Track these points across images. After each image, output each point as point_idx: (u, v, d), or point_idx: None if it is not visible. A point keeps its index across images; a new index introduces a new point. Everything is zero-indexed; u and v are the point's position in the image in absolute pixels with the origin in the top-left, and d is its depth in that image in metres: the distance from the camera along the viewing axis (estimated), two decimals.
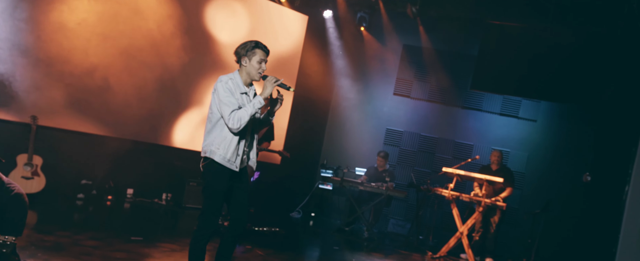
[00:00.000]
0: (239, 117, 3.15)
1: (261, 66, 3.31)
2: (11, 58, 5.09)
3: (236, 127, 3.15)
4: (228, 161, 3.21)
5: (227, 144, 3.21)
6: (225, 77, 3.28)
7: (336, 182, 6.88)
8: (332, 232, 6.80)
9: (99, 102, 5.72)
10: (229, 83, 3.26)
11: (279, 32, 7.36)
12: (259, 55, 3.30)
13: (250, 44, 3.33)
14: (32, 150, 5.04)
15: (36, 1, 5.25)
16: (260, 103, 3.21)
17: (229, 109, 3.17)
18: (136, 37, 5.94)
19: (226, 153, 3.20)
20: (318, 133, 8.25)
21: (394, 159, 7.90)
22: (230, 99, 3.19)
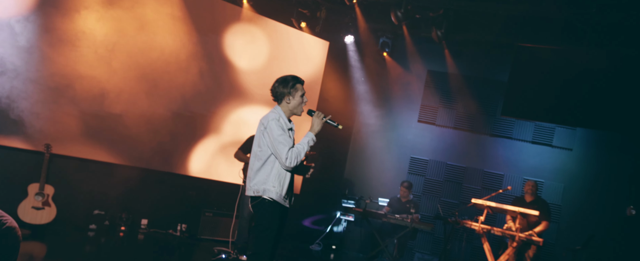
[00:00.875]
0: (296, 155, 3.18)
1: (304, 100, 3.36)
2: (24, 86, 5.02)
3: (293, 165, 3.16)
4: (284, 198, 3.22)
5: (282, 181, 3.21)
6: (274, 115, 3.29)
7: (358, 213, 6.55)
8: None
9: (113, 129, 5.60)
10: (281, 121, 3.27)
11: (299, 58, 7.21)
12: (301, 90, 3.35)
13: (290, 80, 3.34)
14: (44, 179, 4.91)
15: (48, 28, 5.20)
16: (313, 141, 3.26)
17: (286, 147, 3.17)
18: (151, 62, 5.85)
19: (281, 191, 3.21)
20: (339, 162, 7.96)
21: (419, 189, 7.53)
22: (285, 137, 3.20)
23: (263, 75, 6.81)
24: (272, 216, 3.21)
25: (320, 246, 7.29)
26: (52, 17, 5.19)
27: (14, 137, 5.07)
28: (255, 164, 3.26)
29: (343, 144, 7.97)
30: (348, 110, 7.90)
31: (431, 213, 7.25)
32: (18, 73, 5.00)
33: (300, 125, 6.71)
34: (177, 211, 6.29)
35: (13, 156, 5.12)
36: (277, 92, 3.35)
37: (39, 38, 5.10)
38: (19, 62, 4.99)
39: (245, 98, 6.72)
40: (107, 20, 5.48)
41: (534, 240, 5.49)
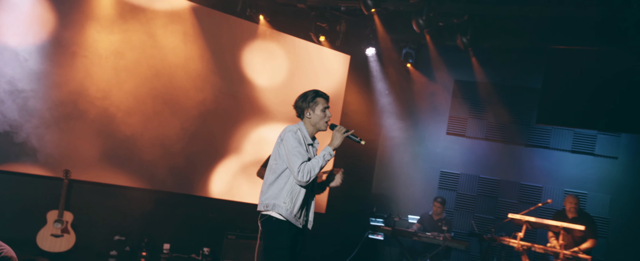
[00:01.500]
0: (309, 169, 2.96)
1: (326, 114, 3.16)
2: (38, 112, 4.99)
3: (306, 179, 2.95)
4: (294, 216, 2.99)
5: (295, 197, 3.00)
6: (293, 127, 3.13)
7: (387, 231, 6.22)
8: None
9: (129, 152, 5.51)
10: (298, 134, 3.10)
11: (320, 73, 7.02)
12: (322, 104, 3.16)
13: (310, 94, 3.19)
14: (63, 206, 4.83)
15: (58, 52, 5.19)
16: (330, 155, 3.05)
17: (299, 160, 2.97)
18: (168, 84, 5.76)
19: (293, 208, 2.99)
20: (366, 179, 7.67)
21: (451, 205, 7.14)
22: (300, 150, 3.02)
23: (283, 92, 6.65)
24: (280, 235, 2.99)
25: None
26: (63, 39, 5.16)
27: (31, 164, 5.02)
28: (269, 177, 3.08)
29: (369, 160, 7.68)
30: (372, 125, 7.63)
31: (465, 230, 6.84)
32: (30, 99, 4.97)
33: (325, 141, 6.50)
34: (200, 235, 6.12)
35: (32, 183, 5.08)
36: (298, 107, 3.23)
37: (49, 62, 5.07)
38: (31, 88, 4.97)
39: (266, 116, 6.56)
40: (118, 42, 5.43)
41: (581, 257, 5.04)
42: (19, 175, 5.00)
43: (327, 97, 3.23)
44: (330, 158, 3.08)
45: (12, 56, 4.85)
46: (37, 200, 5.02)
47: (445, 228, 5.95)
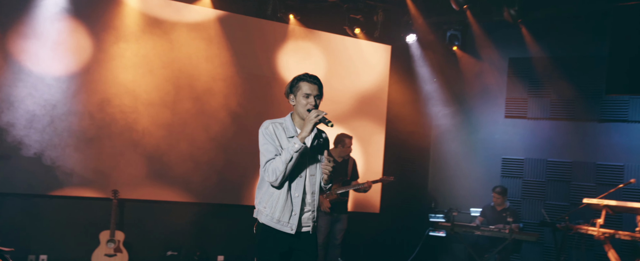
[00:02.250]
0: (273, 168, 2.59)
1: (309, 101, 2.71)
2: (82, 135, 5.12)
3: (272, 179, 2.60)
4: (277, 221, 2.64)
5: (275, 201, 2.65)
6: (268, 121, 2.76)
7: (448, 227, 5.79)
8: None
9: (174, 166, 5.51)
10: (270, 128, 2.72)
11: (361, 68, 6.72)
12: (304, 89, 2.73)
13: (294, 78, 2.79)
14: (114, 226, 4.90)
15: (96, 73, 5.28)
16: (294, 147, 2.57)
17: (265, 159, 2.65)
18: (205, 96, 5.71)
19: (273, 212, 2.65)
20: (421, 173, 7.24)
21: (516, 193, 6.55)
22: (267, 147, 2.66)
23: (323, 90, 6.42)
24: (264, 245, 2.66)
25: None
26: (94, 59, 5.26)
27: (82, 187, 5.16)
28: (258, 181, 2.79)
29: (422, 153, 7.25)
30: (421, 116, 7.20)
31: (535, 220, 6.24)
32: (72, 124, 5.09)
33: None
34: (248, 244, 6.01)
35: (84, 205, 5.21)
36: (285, 94, 2.85)
37: (84, 85, 5.17)
38: (70, 112, 5.09)
39: None
40: (151, 56, 5.46)
41: None
42: (72, 198, 5.15)
43: (314, 81, 2.74)
44: (296, 150, 2.56)
45: (51, 82, 4.99)
46: (91, 221, 5.13)
47: (510, 220, 5.43)
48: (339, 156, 5.28)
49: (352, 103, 6.62)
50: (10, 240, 4.93)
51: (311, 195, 2.73)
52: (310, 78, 2.75)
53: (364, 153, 6.63)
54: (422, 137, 7.18)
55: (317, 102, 2.74)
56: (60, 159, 4.98)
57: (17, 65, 4.83)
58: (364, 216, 6.61)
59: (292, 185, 2.67)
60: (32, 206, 5.06)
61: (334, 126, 2.68)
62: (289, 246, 2.67)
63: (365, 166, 6.54)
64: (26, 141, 4.82)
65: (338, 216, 5.19)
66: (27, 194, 5.00)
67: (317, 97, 2.75)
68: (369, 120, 6.72)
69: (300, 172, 2.69)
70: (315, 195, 2.74)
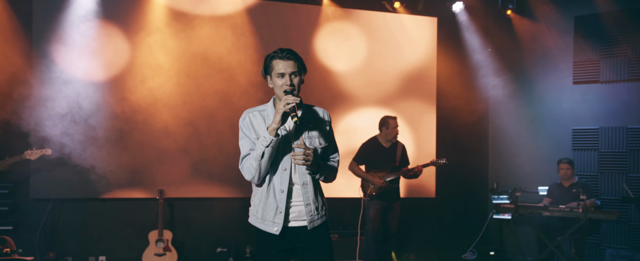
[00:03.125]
0: (247, 167, 2.34)
1: (284, 81, 2.35)
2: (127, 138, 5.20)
3: (249, 178, 2.35)
4: (262, 221, 2.39)
5: (258, 199, 2.42)
6: (246, 111, 2.46)
7: (512, 209, 5.30)
8: None
9: (214, 162, 5.47)
10: (247, 119, 2.44)
11: (405, 44, 6.29)
12: (277, 68, 2.36)
13: (267, 56, 2.41)
14: (162, 225, 4.96)
15: (132, 75, 5.32)
16: (265, 141, 2.27)
17: (241, 155, 2.39)
18: (241, 90, 5.59)
19: (257, 211, 2.41)
20: (480, 152, 6.70)
21: (591, 167, 5.87)
22: (242, 142, 2.42)
23: (366, 73, 6.10)
24: (259, 246, 2.42)
25: (475, 255, 6.15)
26: (129, 62, 5.30)
27: (132, 188, 5.27)
28: None
29: (479, 130, 6.70)
30: (475, 90, 6.64)
31: (616, 196, 5.55)
32: (118, 127, 5.19)
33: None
34: None
35: (134, 206, 5.33)
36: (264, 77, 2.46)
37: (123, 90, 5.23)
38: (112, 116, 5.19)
39: (351, 103, 6.07)
40: (185, 54, 5.42)
41: None
42: (122, 200, 5.28)
43: (288, 56, 2.33)
44: (267, 145, 2.26)
45: (90, 88, 5.10)
46: (142, 221, 5.24)
47: (584, 197, 4.84)
48: (386, 140, 4.96)
49: (398, 84, 6.23)
50: (70, 244, 5.18)
51: (302, 186, 2.39)
52: (282, 53, 2.35)
53: (414, 135, 6.23)
54: (478, 113, 6.63)
55: (295, 80, 2.36)
56: (106, 163, 5.11)
57: (57, 71, 4.94)
58: (418, 202, 6.24)
59: (275, 180, 2.38)
60: (87, 210, 5.25)
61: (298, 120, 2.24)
62: (282, 246, 2.40)
63: (416, 149, 6.16)
64: (74, 147, 4.97)
65: (390, 205, 4.88)
66: (82, 198, 5.19)
67: (295, 74, 2.36)
68: (418, 100, 6.30)
69: (283, 164, 2.38)
70: (308, 186, 2.40)
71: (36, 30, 4.97)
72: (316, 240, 2.43)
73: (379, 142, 4.99)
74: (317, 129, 2.47)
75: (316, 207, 2.44)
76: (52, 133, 4.79)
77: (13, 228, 4.91)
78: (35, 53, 4.95)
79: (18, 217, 4.99)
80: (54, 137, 4.81)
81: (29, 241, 5.01)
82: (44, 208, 5.09)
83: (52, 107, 4.86)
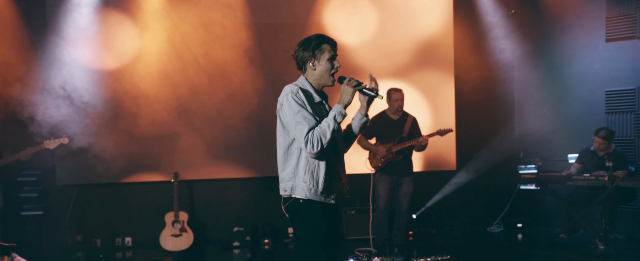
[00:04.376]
0: (318, 136, 2.39)
1: (334, 64, 2.54)
2: (143, 122, 5.34)
3: (316, 150, 2.39)
4: (322, 194, 2.47)
5: (316, 173, 2.47)
6: (292, 86, 2.53)
7: (533, 179, 5.02)
8: (540, 249, 4.88)
9: (229, 143, 5.52)
10: (300, 94, 2.49)
11: (418, 14, 6.00)
12: (329, 52, 2.53)
13: (314, 39, 2.54)
14: (177, 207, 5.10)
15: (144, 64, 5.42)
16: (342, 115, 2.43)
17: (306, 127, 2.41)
18: (257, 68, 5.58)
19: (317, 186, 2.46)
20: (505, 120, 6.35)
21: (628, 131, 5.42)
22: (304, 114, 2.44)
23: (376, 45, 5.91)
24: (311, 219, 2.44)
25: (501, 227, 5.91)
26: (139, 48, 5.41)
27: (148, 172, 5.45)
28: (279, 155, 2.56)
29: (503, 96, 6.34)
30: (498, 55, 6.26)
31: None
32: (136, 114, 5.36)
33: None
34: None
35: (153, 189, 5.51)
36: (299, 57, 2.57)
37: (136, 77, 5.35)
38: (129, 102, 5.35)
39: (363, 77, 5.88)
40: (186, 38, 5.47)
41: None
42: (143, 183, 5.48)
43: (336, 44, 2.59)
44: (343, 119, 2.45)
45: (101, 77, 5.28)
46: (157, 204, 5.42)
47: (610, 164, 4.49)
48: (393, 113, 4.81)
49: (413, 54, 5.99)
50: (97, 226, 5.46)
51: (341, 162, 2.64)
52: (332, 40, 2.58)
53: (432, 106, 6.00)
54: (501, 80, 6.27)
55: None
56: (124, 148, 5.30)
57: (71, 61, 5.11)
58: (438, 175, 6.05)
59: (330, 156, 2.53)
60: (110, 194, 5.50)
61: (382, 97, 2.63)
62: (331, 217, 2.56)
63: (434, 120, 5.94)
64: (91, 135, 5.19)
65: (399, 180, 4.76)
66: (104, 183, 5.43)
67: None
68: (434, 70, 6.04)
69: (336, 142, 2.55)
70: (343, 160, 2.67)
71: (43, 22, 5.13)
72: (339, 214, 2.66)
73: (387, 114, 4.86)
74: None
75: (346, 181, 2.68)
76: (69, 122, 5.01)
77: (44, 213, 5.25)
78: (44, 44, 5.09)
79: (47, 203, 5.32)
80: (71, 126, 5.03)
81: (59, 225, 5.33)
82: (70, 193, 5.38)
83: (69, 97, 5.07)
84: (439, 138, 5.48)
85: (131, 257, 5.20)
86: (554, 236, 5.07)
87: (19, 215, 5.14)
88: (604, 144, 4.91)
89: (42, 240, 5.34)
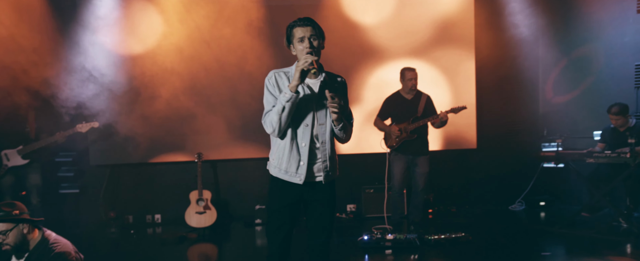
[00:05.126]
0: (269, 120, 2.51)
1: (304, 45, 2.51)
2: (167, 106, 5.57)
3: (270, 131, 2.53)
4: (285, 172, 2.57)
5: (281, 152, 2.58)
6: (273, 72, 2.63)
7: (553, 157, 4.93)
8: (560, 227, 4.82)
9: (249, 124, 5.69)
10: (273, 78, 2.60)
11: None
12: (297, 34, 2.54)
13: (288, 27, 2.60)
14: (201, 186, 5.33)
15: (176, 49, 5.60)
16: (285, 97, 2.45)
17: (265, 110, 2.57)
18: (275, 52, 5.69)
19: (281, 163, 2.58)
20: (529, 97, 6.21)
21: None
22: (267, 98, 2.58)
23: (395, 24, 5.89)
24: (274, 195, 2.59)
25: (522, 205, 5.85)
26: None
27: (174, 153, 5.72)
28: None
29: (527, 72, 6.19)
30: (522, 30, 6.09)
31: None
32: (164, 97, 5.59)
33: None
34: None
35: (179, 169, 5.77)
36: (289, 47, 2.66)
37: (161, 62, 5.57)
38: (146, 88, 5.58)
39: (381, 57, 5.92)
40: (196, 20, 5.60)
41: None
42: (170, 163, 5.76)
43: (306, 23, 2.51)
44: (287, 100, 2.43)
45: (132, 61, 5.52)
46: (183, 182, 5.68)
47: (632, 141, 4.36)
48: (407, 92, 4.82)
49: (432, 31, 5.93)
50: (129, 204, 5.79)
51: (321, 144, 2.57)
52: (300, 21, 2.55)
53: (451, 85, 5.95)
54: (524, 55, 6.12)
55: (315, 43, 2.52)
56: (151, 130, 5.56)
57: (97, 44, 5.39)
58: (459, 154, 6.02)
59: (298, 134, 2.56)
60: (140, 173, 5.81)
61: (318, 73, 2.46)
62: (299, 197, 2.59)
63: (454, 98, 5.89)
64: (120, 118, 5.48)
65: (415, 160, 4.78)
66: (134, 163, 5.74)
67: (314, 37, 2.52)
68: (454, 47, 5.96)
69: (306, 121, 2.55)
70: (326, 144, 2.58)
71: (72, 8, 5.41)
72: (327, 195, 2.62)
73: (401, 94, 4.87)
74: (336, 91, 2.59)
75: (332, 164, 2.62)
76: (99, 106, 5.30)
77: (79, 191, 5.62)
78: (72, 30, 5.36)
79: (83, 182, 5.68)
80: (101, 110, 5.32)
81: (93, 203, 5.70)
82: (103, 173, 5.73)
83: (98, 82, 5.35)
84: (459, 117, 5.45)
85: (160, 233, 5.50)
86: (574, 214, 4.99)
87: (58, 193, 5.53)
88: (620, 120, 4.76)
89: (79, 216, 5.73)
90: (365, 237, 4.48)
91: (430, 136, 4.85)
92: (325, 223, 2.61)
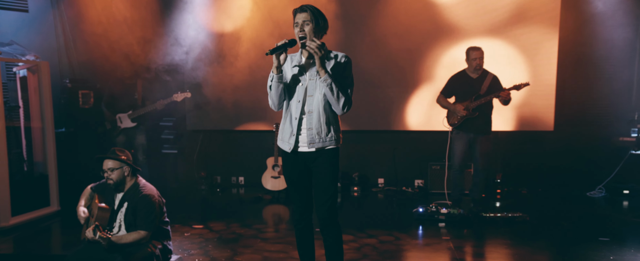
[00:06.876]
0: (269, 96, 2.89)
1: (298, 30, 2.77)
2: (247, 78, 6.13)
3: (270, 105, 2.91)
4: (282, 140, 2.94)
5: (282, 123, 2.96)
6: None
7: (633, 142, 4.62)
8: (634, 217, 4.54)
9: None
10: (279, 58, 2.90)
11: None
12: (295, 19, 2.81)
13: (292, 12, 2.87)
14: (277, 153, 5.86)
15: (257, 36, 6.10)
16: (269, 77, 2.82)
17: None
18: (352, 28, 5.95)
19: (282, 134, 2.94)
20: (620, 78, 5.74)
21: None
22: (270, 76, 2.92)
23: (474, 2, 5.78)
24: (283, 163, 2.97)
25: (603, 193, 5.53)
26: None
27: (256, 122, 6.32)
28: None
29: (620, 50, 5.70)
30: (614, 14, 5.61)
31: None
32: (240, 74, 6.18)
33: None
34: (409, 169, 6.17)
35: (261, 137, 6.36)
36: None
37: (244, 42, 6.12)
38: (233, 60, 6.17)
39: (456, 35, 5.87)
40: None
41: None
42: (251, 131, 6.38)
43: (301, 9, 2.75)
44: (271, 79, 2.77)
45: (225, 39, 6.14)
46: (264, 149, 6.24)
47: None
48: (472, 71, 4.82)
49: (511, 9, 5.73)
50: (218, 166, 6.56)
51: (309, 114, 2.81)
52: (298, 9, 2.79)
53: (530, 64, 5.73)
54: (617, 34, 5.64)
55: (306, 28, 2.74)
56: (238, 100, 6.21)
57: (194, 23, 6.09)
58: (534, 135, 5.83)
59: (292, 108, 2.86)
60: (227, 139, 6.52)
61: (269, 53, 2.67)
62: (303, 165, 2.88)
63: (531, 79, 5.64)
64: (211, 90, 6.19)
65: (476, 138, 4.80)
66: (222, 130, 6.46)
67: (307, 23, 2.74)
68: (535, 25, 5.70)
69: (298, 96, 2.83)
70: (313, 113, 2.80)
71: None
72: (326, 162, 2.84)
73: (467, 73, 4.88)
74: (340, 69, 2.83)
75: (318, 132, 2.83)
76: (194, 79, 6.06)
77: (178, 152, 6.49)
78: (174, 12, 6.14)
79: (181, 144, 6.55)
80: (196, 82, 6.07)
81: (189, 162, 6.55)
82: (197, 137, 6.54)
83: (193, 57, 6.10)
84: (536, 97, 5.34)
85: (242, 193, 6.18)
86: None
87: (161, 153, 6.46)
88: None
89: (177, 173, 6.63)
90: (420, 209, 4.68)
91: (501, 117, 4.81)
92: (324, 187, 2.79)
